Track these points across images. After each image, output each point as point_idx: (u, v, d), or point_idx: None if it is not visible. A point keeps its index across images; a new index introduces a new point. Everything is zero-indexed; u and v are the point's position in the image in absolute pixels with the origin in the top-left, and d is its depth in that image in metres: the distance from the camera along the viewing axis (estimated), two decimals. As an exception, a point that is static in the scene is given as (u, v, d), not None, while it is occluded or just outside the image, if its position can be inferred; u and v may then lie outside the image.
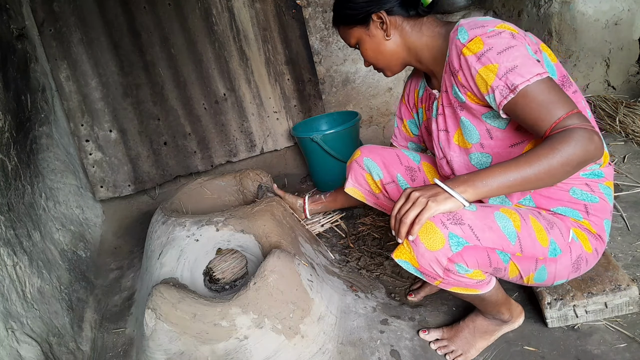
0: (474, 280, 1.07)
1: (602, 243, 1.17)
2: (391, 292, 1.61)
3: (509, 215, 1.06)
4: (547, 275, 1.12)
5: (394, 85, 2.95)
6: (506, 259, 1.05)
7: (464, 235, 0.98)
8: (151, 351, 1.31)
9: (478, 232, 0.99)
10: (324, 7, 2.74)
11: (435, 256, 0.98)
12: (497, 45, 0.99)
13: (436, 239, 0.97)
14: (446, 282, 1.05)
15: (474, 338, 1.28)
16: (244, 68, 2.64)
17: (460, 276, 1.04)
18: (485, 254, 1.02)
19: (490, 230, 1.01)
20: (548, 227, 1.09)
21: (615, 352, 1.17)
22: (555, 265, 1.11)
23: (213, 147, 2.66)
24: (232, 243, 1.63)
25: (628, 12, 2.65)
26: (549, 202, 1.16)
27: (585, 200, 1.14)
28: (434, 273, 1.02)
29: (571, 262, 1.12)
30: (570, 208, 1.15)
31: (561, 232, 1.11)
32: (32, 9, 2.28)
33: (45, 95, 2.27)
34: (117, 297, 1.93)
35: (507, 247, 1.03)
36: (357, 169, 1.53)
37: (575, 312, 1.26)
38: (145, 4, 2.41)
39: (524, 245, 1.05)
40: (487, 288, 1.13)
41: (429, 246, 0.97)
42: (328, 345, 1.36)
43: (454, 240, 0.97)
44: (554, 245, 1.08)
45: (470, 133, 1.16)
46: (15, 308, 1.43)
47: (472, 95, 1.09)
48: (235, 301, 1.29)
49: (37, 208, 1.90)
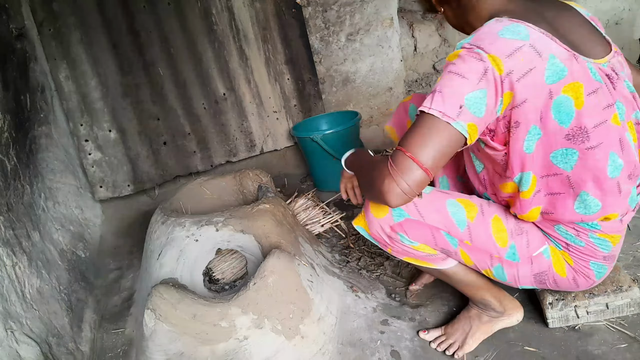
0: (422, 253, 1.17)
1: (585, 278, 1.13)
2: (391, 293, 1.61)
3: (465, 205, 1.13)
4: (507, 277, 1.16)
5: (394, 85, 2.95)
6: (454, 242, 1.13)
7: (407, 209, 1.11)
8: (151, 352, 1.30)
9: (422, 209, 1.11)
10: (324, 7, 2.73)
11: (380, 223, 1.14)
12: (459, 66, 0.92)
13: (382, 208, 1.13)
14: (395, 250, 1.18)
15: (470, 328, 1.30)
16: (244, 68, 2.63)
17: (405, 246, 1.16)
18: (428, 231, 1.12)
19: (436, 212, 1.11)
20: (514, 232, 1.12)
21: (616, 353, 1.17)
22: (514, 270, 1.14)
23: (213, 147, 2.66)
24: (232, 243, 1.63)
25: (629, 12, 2.65)
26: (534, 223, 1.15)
27: (567, 239, 1.10)
28: (382, 240, 1.17)
29: (531, 273, 1.14)
30: (552, 237, 1.13)
31: (527, 243, 1.11)
32: (32, 9, 2.27)
33: (44, 95, 2.27)
34: (116, 297, 1.92)
35: (454, 231, 1.11)
36: (401, 113, 1.52)
37: (577, 312, 1.25)
38: (144, 3, 2.41)
39: (474, 234, 1.11)
40: (445, 264, 1.21)
41: (375, 214, 1.14)
42: (328, 345, 1.35)
43: (396, 212, 1.12)
44: (513, 250, 1.11)
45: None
46: (14, 308, 1.43)
47: None
48: (235, 302, 1.28)
49: (37, 208, 1.89)
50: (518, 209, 1.09)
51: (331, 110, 2.88)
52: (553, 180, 1.01)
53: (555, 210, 1.04)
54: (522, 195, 1.05)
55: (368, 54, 2.84)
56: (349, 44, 2.81)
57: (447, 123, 0.90)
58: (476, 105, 0.91)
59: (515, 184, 1.05)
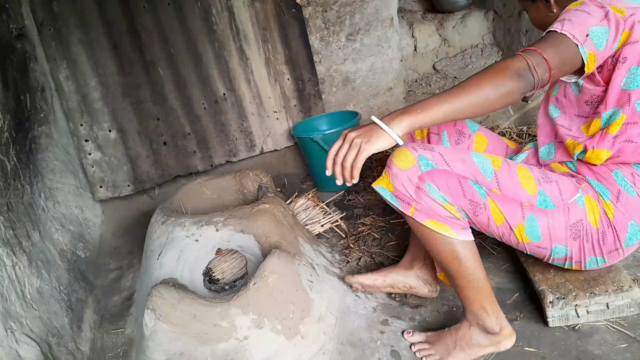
0: (447, 212, 1.11)
1: (614, 238, 1.13)
2: (391, 293, 1.61)
3: (489, 156, 1.13)
4: (541, 230, 1.12)
5: (394, 85, 2.95)
6: (482, 192, 1.10)
7: (433, 159, 1.09)
8: (151, 352, 1.30)
9: (449, 159, 1.09)
10: (324, 7, 2.73)
11: (407, 174, 1.08)
12: (583, 6, 1.02)
13: (407, 159, 1.08)
14: (419, 207, 1.10)
15: (454, 347, 1.24)
16: (244, 68, 2.63)
17: (432, 200, 1.09)
18: (456, 180, 1.09)
19: (462, 162, 1.10)
20: (541, 180, 1.13)
21: (616, 353, 1.17)
22: (547, 219, 1.11)
23: (213, 147, 2.66)
24: (232, 243, 1.63)
25: (628, 12, 2.65)
26: (589, 172, 1.18)
27: (622, 186, 1.13)
28: (407, 196, 1.09)
29: (567, 223, 1.12)
30: (603, 185, 1.15)
31: (560, 190, 1.12)
32: (32, 9, 2.27)
33: (44, 95, 2.27)
34: (116, 297, 1.92)
35: (481, 179, 1.10)
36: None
37: (577, 312, 1.25)
38: (144, 3, 2.41)
39: (501, 182, 1.10)
40: (462, 233, 1.13)
41: (400, 165, 1.08)
42: (328, 345, 1.35)
43: (423, 161, 1.08)
44: (543, 196, 1.11)
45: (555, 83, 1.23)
46: (14, 308, 1.43)
47: None
48: (235, 302, 1.28)
49: (37, 208, 1.89)
50: (595, 142, 1.13)
51: (331, 110, 2.88)
52: (633, 128, 1.09)
53: (623, 153, 1.12)
54: (607, 129, 1.11)
55: (368, 54, 2.84)
56: (349, 44, 2.81)
57: (575, 45, 0.98)
58: (598, 38, 1.00)
59: (600, 120, 1.11)
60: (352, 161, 0.98)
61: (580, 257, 1.17)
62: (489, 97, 0.97)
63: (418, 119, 0.98)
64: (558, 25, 1.01)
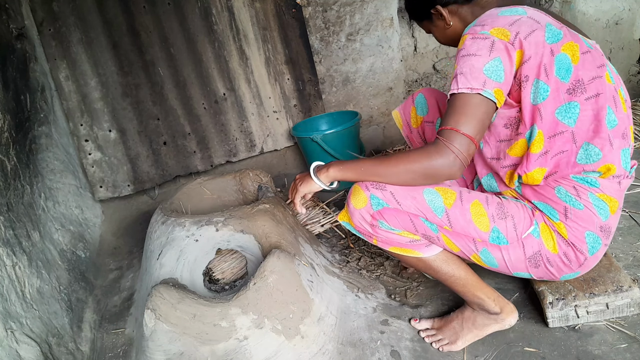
0: (405, 239, 1.20)
1: (576, 252, 1.13)
2: (391, 293, 1.61)
3: (442, 192, 1.15)
4: (497, 262, 1.17)
5: (394, 85, 2.95)
6: (433, 227, 1.16)
7: (384, 198, 1.14)
8: (151, 352, 1.30)
9: (399, 197, 1.14)
10: (324, 7, 2.73)
11: (361, 213, 1.18)
12: (468, 48, 1.05)
13: (360, 198, 1.17)
14: (380, 239, 1.21)
15: (462, 329, 1.30)
16: (244, 68, 2.63)
17: (387, 232, 1.19)
18: (407, 217, 1.16)
19: (412, 199, 1.14)
20: (496, 216, 1.14)
21: (616, 353, 1.17)
22: (501, 253, 1.15)
23: (213, 147, 2.66)
24: (232, 243, 1.63)
25: (629, 12, 2.65)
26: (533, 194, 1.17)
27: (567, 202, 1.12)
28: (365, 230, 1.21)
29: (525, 256, 1.15)
30: (550, 206, 1.14)
31: (514, 225, 1.13)
32: (32, 9, 2.27)
33: (44, 95, 2.27)
34: (116, 297, 1.92)
35: (431, 217, 1.14)
36: (409, 101, 1.59)
37: (577, 312, 1.25)
38: (144, 3, 2.41)
39: (452, 220, 1.14)
40: (428, 251, 1.22)
41: (355, 204, 1.18)
42: (328, 345, 1.35)
43: (374, 200, 1.15)
44: (496, 233, 1.13)
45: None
46: (14, 308, 1.43)
47: None
48: (235, 302, 1.28)
49: (37, 208, 1.89)
50: (524, 166, 1.13)
51: (331, 110, 2.88)
52: (559, 139, 1.09)
53: (559, 168, 1.11)
54: (531, 150, 1.11)
55: (368, 54, 2.84)
56: (349, 44, 2.81)
57: (478, 94, 1.02)
58: (495, 72, 1.03)
59: (525, 140, 1.12)
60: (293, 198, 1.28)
61: (551, 276, 1.19)
62: (406, 180, 1.11)
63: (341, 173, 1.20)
64: (454, 86, 1.04)
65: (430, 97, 1.53)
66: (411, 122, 1.58)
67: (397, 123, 1.64)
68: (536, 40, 1.03)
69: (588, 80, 1.06)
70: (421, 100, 1.54)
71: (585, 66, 1.06)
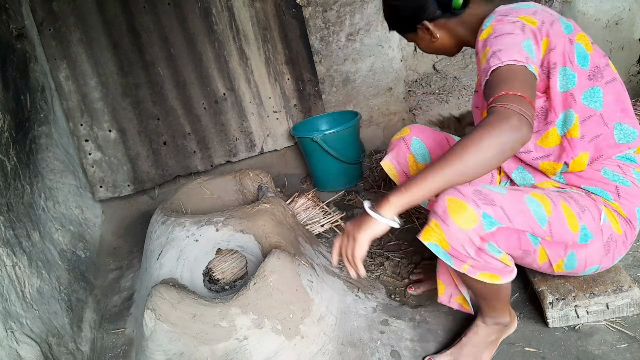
0: (501, 264, 1.05)
1: (632, 229, 1.14)
2: (391, 293, 1.61)
3: (540, 199, 1.06)
4: (577, 262, 1.12)
5: (394, 85, 2.95)
6: (536, 242, 1.06)
7: (497, 216, 0.99)
8: (151, 352, 1.30)
9: (510, 213, 1.00)
10: (324, 7, 2.73)
11: (469, 235, 0.97)
12: (499, 30, 1.03)
13: (468, 217, 0.96)
14: (476, 265, 1.02)
15: (478, 350, 1.24)
16: (244, 68, 2.63)
17: (491, 257, 1.02)
18: (516, 235, 1.02)
19: (521, 214, 1.02)
20: (580, 212, 1.08)
21: (616, 353, 1.17)
22: (585, 251, 1.10)
23: (213, 147, 2.66)
24: (232, 243, 1.63)
25: (629, 12, 2.65)
26: (580, 180, 1.16)
27: (616, 181, 1.13)
28: (464, 255, 1.00)
29: (602, 243, 1.11)
30: (601, 188, 1.14)
31: (593, 216, 1.10)
32: (32, 9, 2.27)
33: (44, 95, 2.27)
34: (116, 297, 1.92)
35: (537, 230, 1.04)
36: (402, 148, 1.41)
37: (577, 312, 1.25)
38: (144, 3, 2.41)
39: (553, 230, 1.05)
40: (510, 277, 1.10)
41: (462, 225, 0.97)
42: (328, 345, 1.35)
43: (487, 220, 0.98)
44: (584, 231, 1.08)
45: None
46: (14, 308, 1.43)
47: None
48: (235, 301, 1.28)
49: (37, 208, 1.89)
50: (569, 153, 1.11)
51: (331, 110, 2.88)
52: (590, 123, 1.09)
53: (603, 151, 1.11)
54: (570, 134, 1.10)
55: (368, 54, 2.84)
56: (349, 44, 2.81)
57: (524, 66, 0.96)
58: (530, 50, 1.00)
59: (556, 129, 1.11)
60: (351, 254, 0.98)
61: (610, 262, 1.17)
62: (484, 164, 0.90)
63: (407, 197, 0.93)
64: (495, 61, 0.96)
65: (426, 139, 1.40)
66: (410, 171, 1.40)
67: (390, 175, 1.44)
68: (558, 30, 1.06)
69: (603, 66, 1.09)
70: (418, 145, 1.39)
71: (597, 55, 1.10)
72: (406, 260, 1.76)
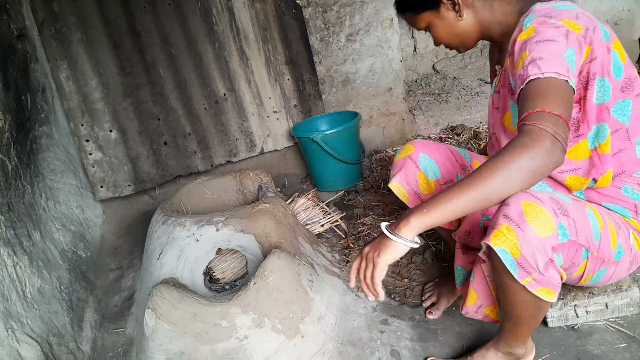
0: (559, 280, 0.99)
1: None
2: (391, 293, 1.61)
3: (595, 213, 1.03)
4: (604, 278, 1.09)
5: (394, 85, 2.95)
6: (585, 256, 1.01)
7: (569, 228, 0.94)
8: (151, 351, 1.31)
9: (578, 227, 0.96)
10: (324, 8, 2.74)
11: (544, 244, 0.90)
12: (541, 34, 0.95)
13: (547, 226, 0.90)
14: (539, 278, 0.94)
15: None
16: (244, 68, 2.64)
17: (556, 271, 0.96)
18: (575, 249, 0.97)
19: (584, 228, 0.98)
20: (617, 230, 1.06)
21: (616, 352, 1.18)
22: (615, 268, 1.08)
23: (213, 147, 2.66)
24: (232, 243, 1.63)
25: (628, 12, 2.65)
26: (600, 197, 1.11)
27: (636, 200, 1.10)
28: (532, 266, 0.92)
29: (629, 262, 1.09)
30: (620, 206, 1.11)
31: (625, 234, 1.08)
32: (32, 9, 2.28)
33: (45, 95, 2.28)
34: (117, 297, 1.93)
35: (592, 245, 1.00)
36: (410, 167, 1.33)
37: (576, 312, 1.26)
38: (145, 4, 2.41)
39: (602, 245, 1.02)
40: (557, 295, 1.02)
41: (539, 232, 0.90)
42: (328, 345, 1.36)
43: (561, 231, 0.92)
44: (619, 249, 1.05)
45: (515, 119, 1.13)
46: (15, 308, 1.43)
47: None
48: (235, 301, 1.29)
49: (37, 208, 1.90)
50: (599, 168, 1.06)
51: (331, 111, 2.88)
52: (615, 137, 1.05)
53: (625, 167, 1.07)
54: (601, 149, 1.05)
55: (368, 55, 2.84)
56: (348, 44, 2.81)
57: (565, 81, 0.90)
58: (571, 62, 0.94)
59: (586, 142, 1.06)
60: (370, 277, 0.95)
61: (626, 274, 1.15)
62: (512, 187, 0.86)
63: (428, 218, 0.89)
64: (535, 70, 0.91)
65: (433, 154, 1.33)
66: (420, 190, 1.33)
67: (400, 196, 1.35)
68: (599, 38, 0.99)
69: (634, 77, 1.04)
70: (427, 162, 1.32)
71: (630, 65, 1.04)
72: (405, 260, 1.76)
